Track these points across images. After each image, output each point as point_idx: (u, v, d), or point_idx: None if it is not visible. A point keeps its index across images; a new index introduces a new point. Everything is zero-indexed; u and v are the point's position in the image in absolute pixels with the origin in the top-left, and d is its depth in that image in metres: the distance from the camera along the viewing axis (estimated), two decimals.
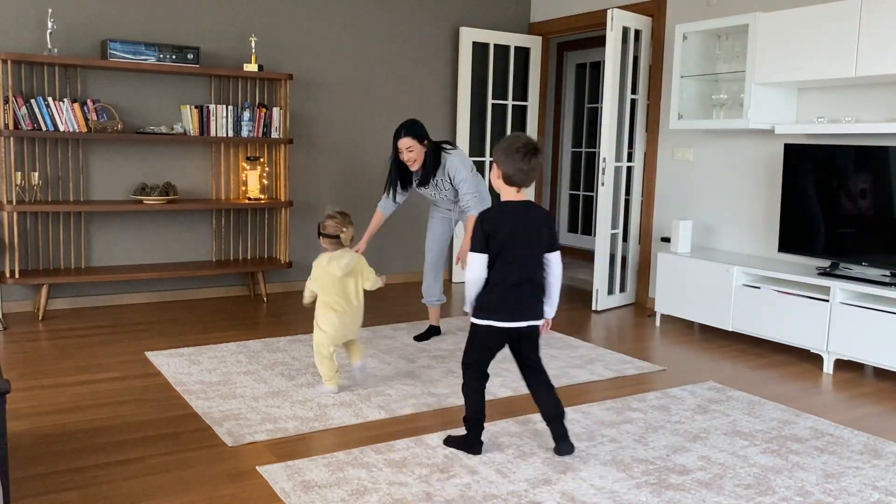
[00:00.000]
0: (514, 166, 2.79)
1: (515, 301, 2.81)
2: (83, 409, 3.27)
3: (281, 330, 4.69)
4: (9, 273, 4.77)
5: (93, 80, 5.04)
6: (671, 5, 5.49)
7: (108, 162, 5.16)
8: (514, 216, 2.81)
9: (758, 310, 4.48)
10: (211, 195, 5.52)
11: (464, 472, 2.72)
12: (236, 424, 3.12)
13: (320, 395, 3.50)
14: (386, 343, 4.43)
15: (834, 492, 2.66)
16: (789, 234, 4.56)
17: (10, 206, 4.63)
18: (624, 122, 5.58)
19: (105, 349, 4.18)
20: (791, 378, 4.03)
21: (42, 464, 2.72)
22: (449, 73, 6.44)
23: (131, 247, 5.30)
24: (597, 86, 7.91)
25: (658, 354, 4.43)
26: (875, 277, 4.11)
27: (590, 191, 8.04)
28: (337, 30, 5.88)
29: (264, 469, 2.71)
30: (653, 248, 5.72)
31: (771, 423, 3.31)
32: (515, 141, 2.81)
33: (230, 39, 5.48)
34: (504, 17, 6.65)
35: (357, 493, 2.55)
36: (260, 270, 5.51)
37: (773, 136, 4.86)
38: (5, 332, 4.48)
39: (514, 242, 2.78)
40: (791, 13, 4.34)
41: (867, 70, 4.00)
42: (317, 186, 5.92)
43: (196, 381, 3.65)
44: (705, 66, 5.04)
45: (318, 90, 5.84)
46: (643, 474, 2.76)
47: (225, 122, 5.27)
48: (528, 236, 2.80)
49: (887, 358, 3.89)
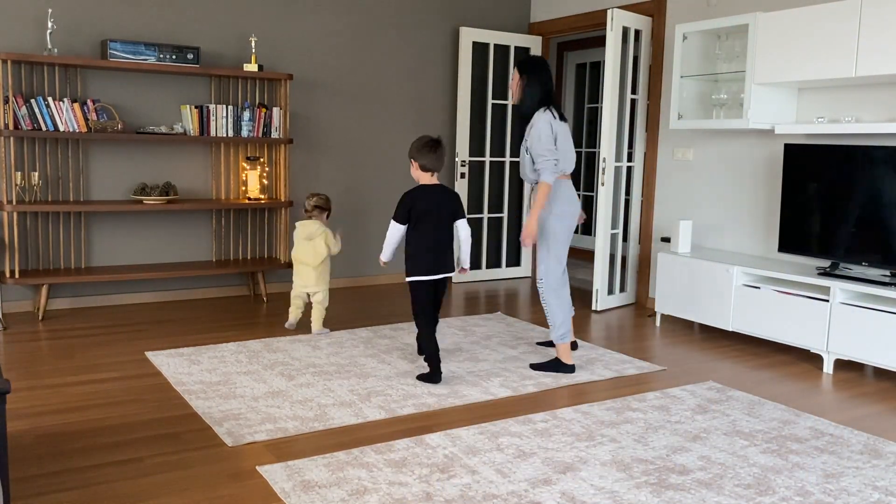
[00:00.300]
0: (425, 158, 3.72)
1: (433, 260, 3.73)
2: (83, 409, 3.27)
3: (281, 330, 4.69)
4: (9, 273, 4.77)
5: (93, 80, 5.04)
6: (671, 5, 5.49)
7: (108, 162, 5.16)
8: (428, 195, 3.73)
9: (758, 310, 4.48)
10: (211, 195, 5.52)
11: (464, 472, 2.72)
12: (236, 424, 3.12)
13: (320, 394, 3.51)
14: (386, 343, 4.43)
15: (834, 492, 2.66)
16: (789, 234, 4.56)
17: (10, 206, 4.63)
18: (624, 122, 5.58)
19: (105, 349, 4.18)
20: (791, 378, 4.03)
21: (42, 464, 2.72)
22: (449, 72, 6.44)
23: (131, 247, 5.30)
24: (597, 86, 7.91)
25: (658, 354, 4.43)
26: (875, 277, 4.11)
27: (590, 191, 8.04)
28: (337, 30, 5.88)
29: (264, 469, 2.71)
30: (653, 248, 5.72)
31: (771, 423, 3.31)
32: (421, 139, 3.75)
33: (230, 39, 5.48)
34: (504, 17, 6.65)
35: (357, 493, 2.55)
36: (260, 270, 5.51)
37: (773, 136, 4.86)
38: (5, 332, 4.48)
39: (428, 215, 3.70)
40: (791, 13, 4.34)
41: (867, 70, 4.00)
42: (317, 186, 5.92)
43: (196, 381, 3.65)
44: (705, 66, 5.04)
45: (318, 90, 5.84)
46: (643, 474, 2.76)
47: (225, 122, 5.27)
48: (438, 211, 3.71)
49: (887, 358, 3.89)
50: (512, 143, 6.71)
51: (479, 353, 4.26)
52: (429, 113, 6.37)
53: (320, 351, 4.22)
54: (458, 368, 3.98)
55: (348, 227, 6.10)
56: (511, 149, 6.71)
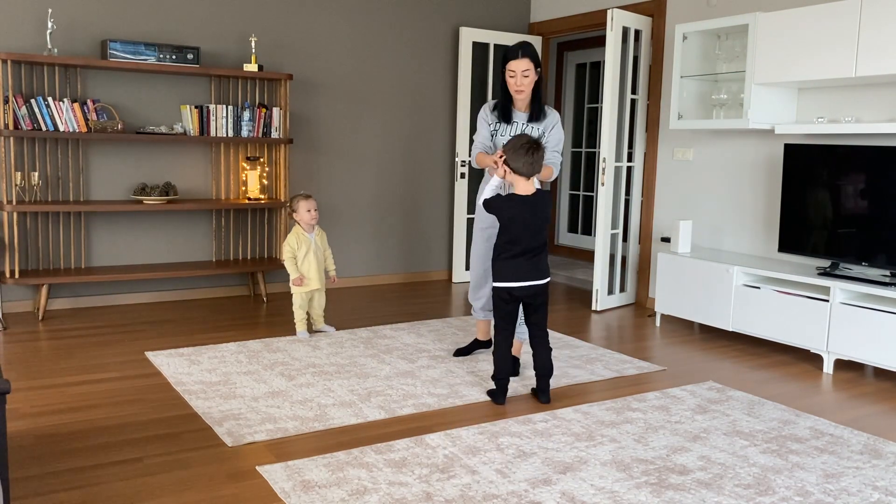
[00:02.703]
0: (520, 160, 3.36)
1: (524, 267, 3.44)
2: (83, 409, 3.27)
3: (281, 330, 4.70)
4: (9, 273, 4.77)
5: (93, 80, 5.04)
6: (671, 5, 5.49)
7: (108, 162, 5.16)
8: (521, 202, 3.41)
9: (758, 310, 4.48)
10: (211, 195, 5.52)
11: (464, 472, 2.72)
12: (236, 424, 3.12)
13: (320, 394, 3.51)
14: (386, 343, 4.43)
15: (834, 492, 2.66)
16: (789, 234, 4.56)
17: (10, 206, 4.63)
18: (624, 122, 5.58)
19: (105, 349, 4.18)
20: (791, 378, 4.03)
21: (42, 464, 2.71)
22: (449, 73, 6.44)
23: (131, 247, 5.30)
24: (597, 86, 7.91)
25: (658, 354, 4.43)
26: (875, 277, 4.11)
27: (590, 191, 8.04)
28: (337, 30, 5.88)
29: (264, 469, 2.71)
30: (653, 248, 5.72)
31: (771, 423, 3.31)
32: (518, 139, 3.40)
33: (230, 39, 5.48)
34: (504, 17, 6.65)
35: (357, 493, 2.55)
36: (260, 270, 5.51)
37: (773, 136, 4.86)
38: (5, 332, 4.48)
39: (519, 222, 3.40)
40: (791, 13, 4.34)
41: (867, 70, 4.00)
42: (317, 186, 5.92)
43: (196, 381, 3.65)
44: (705, 66, 5.04)
45: (318, 90, 5.84)
46: (643, 474, 2.76)
47: (225, 122, 5.27)
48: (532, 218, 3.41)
49: (887, 358, 3.89)
50: None
51: (478, 353, 4.26)
52: (429, 113, 6.37)
53: (320, 351, 4.22)
54: (458, 368, 3.98)
55: (348, 228, 6.10)
56: None
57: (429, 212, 6.48)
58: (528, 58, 3.73)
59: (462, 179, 6.43)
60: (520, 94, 3.77)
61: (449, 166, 6.50)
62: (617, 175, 5.63)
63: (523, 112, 3.85)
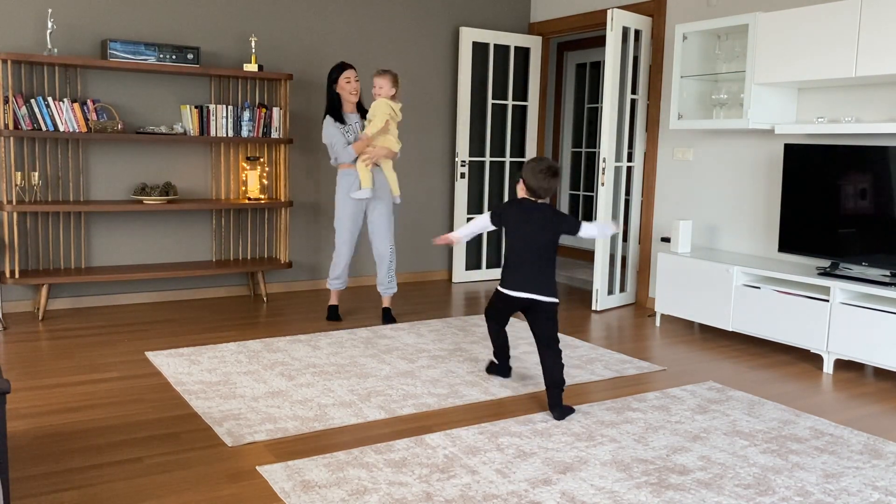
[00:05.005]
0: (537, 182, 3.38)
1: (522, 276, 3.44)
2: (83, 409, 3.27)
3: (281, 330, 4.70)
4: (9, 273, 4.77)
5: (93, 80, 5.04)
6: (671, 5, 5.49)
7: (108, 162, 5.16)
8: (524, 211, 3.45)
9: (758, 310, 4.48)
10: (211, 195, 5.52)
11: (464, 472, 2.72)
12: (236, 424, 3.12)
13: (320, 394, 3.51)
14: (386, 343, 4.43)
15: (834, 492, 2.66)
16: (789, 234, 4.56)
17: (10, 206, 4.63)
18: (624, 122, 5.58)
19: (105, 349, 4.18)
20: (791, 378, 4.03)
21: (42, 464, 2.72)
22: (449, 72, 6.44)
23: (131, 247, 5.30)
24: (597, 86, 7.91)
25: (658, 354, 4.43)
26: (875, 277, 4.11)
27: (590, 191, 8.04)
28: (337, 30, 5.88)
29: (264, 469, 2.71)
30: (653, 248, 5.72)
31: (771, 423, 3.31)
32: (541, 162, 3.41)
33: (230, 39, 5.48)
34: (504, 17, 6.65)
35: (357, 493, 2.55)
36: (260, 270, 5.51)
37: (773, 136, 4.86)
38: (5, 332, 4.48)
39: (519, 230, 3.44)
40: (791, 13, 4.34)
41: (867, 70, 4.00)
42: (317, 186, 5.92)
43: (196, 381, 3.65)
44: (705, 66, 5.04)
45: (318, 90, 5.84)
46: (643, 474, 2.76)
47: (225, 122, 5.27)
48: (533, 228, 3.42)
49: (887, 358, 3.89)
50: (512, 143, 6.71)
51: (479, 353, 4.26)
52: (429, 113, 6.37)
53: (320, 351, 4.23)
54: (458, 368, 3.98)
55: None
56: (511, 149, 6.71)
57: (429, 212, 6.48)
58: (353, 68, 4.83)
59: (462, 179, 6.43)
60: (354, 98, 4.83)
61: (449, 166, 6.50)
62: (617, 175, 5.63)
63: (353, 113, 4.86)
